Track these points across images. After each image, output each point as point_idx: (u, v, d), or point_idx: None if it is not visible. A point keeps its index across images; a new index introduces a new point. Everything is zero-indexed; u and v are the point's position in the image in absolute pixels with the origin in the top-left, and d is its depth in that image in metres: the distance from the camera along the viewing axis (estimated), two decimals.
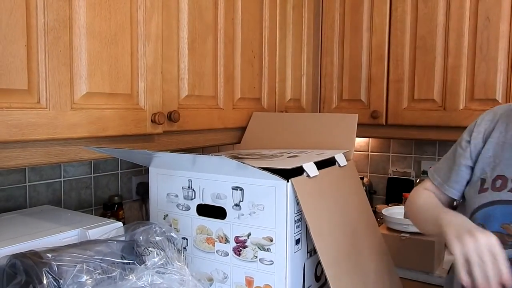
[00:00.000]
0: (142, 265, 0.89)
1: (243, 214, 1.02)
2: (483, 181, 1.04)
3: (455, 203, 1.17)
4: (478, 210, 1.01)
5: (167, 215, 1.14)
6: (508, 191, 0.98)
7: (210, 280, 1.08)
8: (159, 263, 0.91)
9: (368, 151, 2.30)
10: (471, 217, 1.02)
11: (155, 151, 1.03)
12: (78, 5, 0.98)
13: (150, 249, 0.93)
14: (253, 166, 0.94)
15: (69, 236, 0.99)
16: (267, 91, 1.65)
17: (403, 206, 1.32)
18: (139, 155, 1.12)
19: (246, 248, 1.02)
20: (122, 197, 1.52)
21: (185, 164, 1.08)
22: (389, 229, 1.80)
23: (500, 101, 1.63)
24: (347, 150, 1.27)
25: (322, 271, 0.99)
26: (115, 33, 1.06)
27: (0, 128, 0.86)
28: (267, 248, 0.99)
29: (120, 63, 1.08)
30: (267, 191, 0.98)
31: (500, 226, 0.98)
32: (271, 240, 0.99)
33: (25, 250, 0.83)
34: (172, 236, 1.00)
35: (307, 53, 1.93)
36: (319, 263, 1.04)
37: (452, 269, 1.16)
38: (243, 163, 0.93)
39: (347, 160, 1.23)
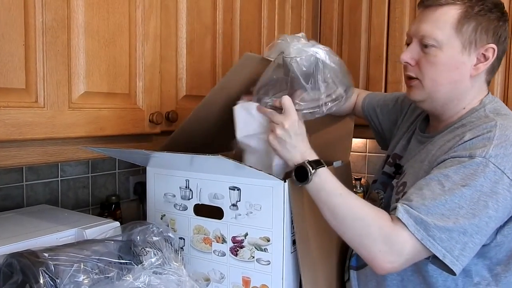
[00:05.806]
0: (139, 265, 0.89)
1: (240, 214, 1.02)
2: None
3: None
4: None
5: (164, 215, 1.14)
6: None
7: (207, 280, 1.08)
8: (156, 263, 0.91)
9: (366, 152, 2.30)
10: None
11: (153, 151, 1.03)
12: (76, 5, 0.98)
13: (147, 249, 0.93)
14: (250, 166, 0.94)
15: (66, 235, 0.99)
16: None
17: None
18: (136, 155, 1.12)
19: (243, 248, 1.02)
20: (119, 196, 1.51)
21: (183, 164, 1.08)
22: None
23: None
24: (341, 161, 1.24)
25: None
26: (114, 33, 1.06)
27: None
28: (264, 248, 0.99)
29: (118, 63, 1.08)
30: (264, 191, 0.98)
31: None
32: (268, 240, 0.99)
33: (22, 250, 0.83)
34: (169, 236, 1.00)
35: None
36: None
37: None
38: (240, 163, 0.93)
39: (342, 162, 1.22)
